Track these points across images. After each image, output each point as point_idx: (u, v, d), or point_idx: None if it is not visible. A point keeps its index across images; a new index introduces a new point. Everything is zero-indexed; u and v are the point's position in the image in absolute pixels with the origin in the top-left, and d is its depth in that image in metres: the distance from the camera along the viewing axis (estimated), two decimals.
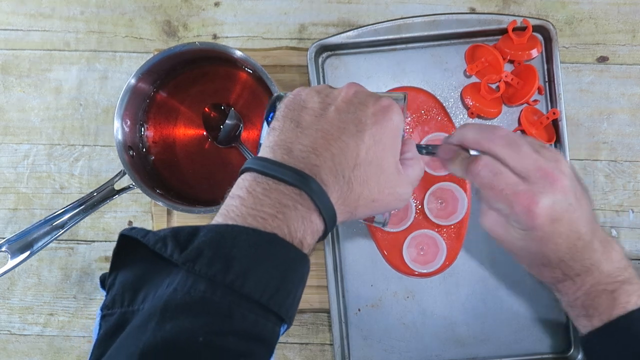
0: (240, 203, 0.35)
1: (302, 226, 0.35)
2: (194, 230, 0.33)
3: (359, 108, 0.40)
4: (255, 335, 0.32)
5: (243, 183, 0.37)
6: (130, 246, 0.34)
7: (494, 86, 0.61)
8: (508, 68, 0.61)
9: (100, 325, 0.33)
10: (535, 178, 0.45)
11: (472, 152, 0.48)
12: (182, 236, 0.33)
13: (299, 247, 0.35)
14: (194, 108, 0.62)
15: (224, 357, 0.30)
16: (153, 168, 0.61)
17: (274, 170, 0.36)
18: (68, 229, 0.54)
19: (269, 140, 0.39)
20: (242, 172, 0.38)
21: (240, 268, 0.32)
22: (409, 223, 0.60)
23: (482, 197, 0.49)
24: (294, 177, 0.36)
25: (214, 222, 0.35)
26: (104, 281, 0.35)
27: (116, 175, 0.57)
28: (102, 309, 0.33)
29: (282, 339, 0.51)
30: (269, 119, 0.44)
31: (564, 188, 0.45)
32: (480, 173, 0.45)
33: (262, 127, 0.45)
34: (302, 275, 0.35)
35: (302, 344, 0.63)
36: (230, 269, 0.31)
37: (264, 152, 0.39)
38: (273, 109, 0.44)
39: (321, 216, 0.36)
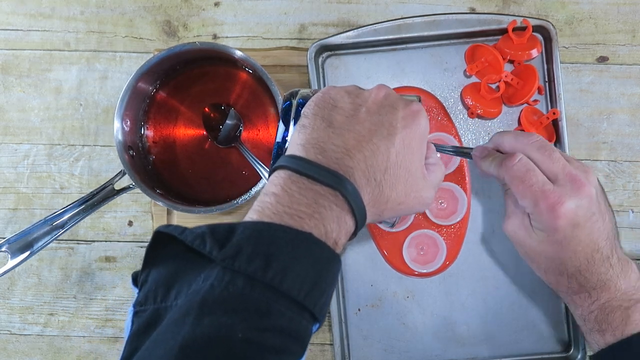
0: (275, 200, 0.35)
1: (337, 227, 0.36)
2: (231, 228, 0.33)
3: (390, 111, 0.40)
4: (291, 332, 0.32)
5: (277, 180, 0.37)
6: (163, 243, 0.34)
7: (494, 86, 0.61)
8: (508, 68, 0.61)
9: (132, 321, 0.33)
10: (564, 181, 0.46)
11: None
12: (219, 233, 0.33)
13: (333, 247, 0.35)
14: (194, 108, 0.62)
15: (262, 353, 0.31)
16: (153, 168, 0.61)
17: (310, 170, 0.36)
18: (68, 229, 0.54)
19: (300, 137, 0.39)
20: (275, 169, 0.38)
21: (279, 266, 0.32)
22: (409, 223, 0.60)
23: (507, 199, 0.52)
24: (330, 178, 0.36)
25: (247, 218, 0.35)
26: (136, 278, 0.36)
27: (116, 175, 0.57)
28: (134, 306, 0.34)
29: None
30: (284, 115, 0.44)
31: (590, 196, 0.46)
32: (514, 167, 0.47)
33: (277, 124, 0.45)
34: (335, 275, 0.36)
35: None
36: (269, 266, 0.32)
37: (295, 150, 0.39)
38: (288, 105, 0.44)
39: (354, 217, 0.37)
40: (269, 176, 0.38)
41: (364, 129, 0.39)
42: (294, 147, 0.39)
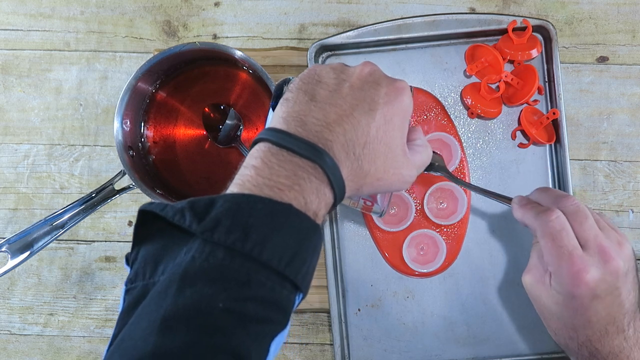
0: (255, 173, 0.36)
1: (316, 199, 0.36)
2: (211, 201, 0.34)
3: (373, 87, 0.41)
4: (272, 302, 0.32)
5: (257, 153, 0.37)
6: (150, 221, 0.35)
7: (494, 86, 0.61)
8: (508, 68, 0.61)
9: (124, 299, 0.34)
10: (593, 251, 0.45)
11: None
12: (199, 207, 0.33)
13: (313, 218, 0.36)
14: (194, 108, 0.62)
15: (244, 323, 0.31)
16: (153, 168, 0.61)
17: (290, 143, 0.37)
18: (68, 229, 0.54)
19: (282, 110, 0.39)
20: (256, 142, 0.38)
21: (258, 236, 0.32)
22: (409, 223, 0.60)
23: (533, 252, 0.50)
24: (309, 151, 0.36)
25: (228, 191, 0.36)
26: (128, 258, 0.36)
27: (116, 175, 0.57)
28: (126, 284, 0.34)
29: None
30: (275, 102, 0.45)
31: (617, 271, 0.45)
32: (550, 223, 0.46)
33: (268, 112, 0.45)
34: (316, 245, 0.36)
35: (302, 344, 0.63)
36: (248, 237, 0.32)
37: (276, 123, 0.39)
38: (279, 92, 0.45)
39: (333, 190, 0.37)
40: (250, 150, 0.39)
41: (345, 103, 0.39)
42: (275, 119, 0.40)
